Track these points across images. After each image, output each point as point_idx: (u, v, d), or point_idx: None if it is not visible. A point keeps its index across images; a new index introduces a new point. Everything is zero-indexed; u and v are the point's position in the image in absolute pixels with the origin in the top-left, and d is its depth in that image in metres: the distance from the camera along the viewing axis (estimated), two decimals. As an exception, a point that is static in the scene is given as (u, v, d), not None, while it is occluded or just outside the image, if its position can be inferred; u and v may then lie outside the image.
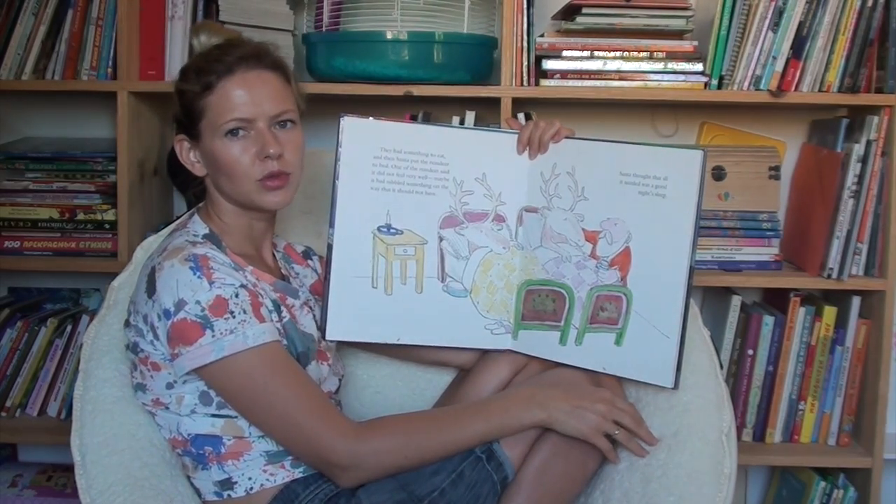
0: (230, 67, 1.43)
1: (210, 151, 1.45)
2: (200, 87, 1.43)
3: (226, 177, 1.45)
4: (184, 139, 1.49)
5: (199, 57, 1.48)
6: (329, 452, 1.36)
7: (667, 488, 1.47)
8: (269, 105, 1.44)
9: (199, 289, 1.34)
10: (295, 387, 1.37)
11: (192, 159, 1.49)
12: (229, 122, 1.42)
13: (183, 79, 1.47)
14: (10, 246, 2.13)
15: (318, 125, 2.01)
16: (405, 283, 1.60)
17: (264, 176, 1.43)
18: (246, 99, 1.42)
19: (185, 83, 1.46)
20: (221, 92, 1.43)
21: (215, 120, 1.43)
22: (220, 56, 1.45)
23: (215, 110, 1.43)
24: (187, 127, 1.47)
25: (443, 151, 1.59)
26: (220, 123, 1.42)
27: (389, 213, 1.58)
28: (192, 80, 1.44)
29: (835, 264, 2.05)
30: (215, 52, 1.46)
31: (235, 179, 1.44)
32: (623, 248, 1.52)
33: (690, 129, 2.30)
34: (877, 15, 2.00)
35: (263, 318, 1.37)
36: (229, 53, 1.45)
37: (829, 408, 2.15)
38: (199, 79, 1.44)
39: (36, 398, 2.16)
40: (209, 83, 1.43)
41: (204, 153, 1.47)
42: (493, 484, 1.43)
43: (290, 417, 1.35)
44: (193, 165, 1.49)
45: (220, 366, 1.34)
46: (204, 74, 1.43)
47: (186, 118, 1.46)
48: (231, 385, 1.36)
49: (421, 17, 1.98)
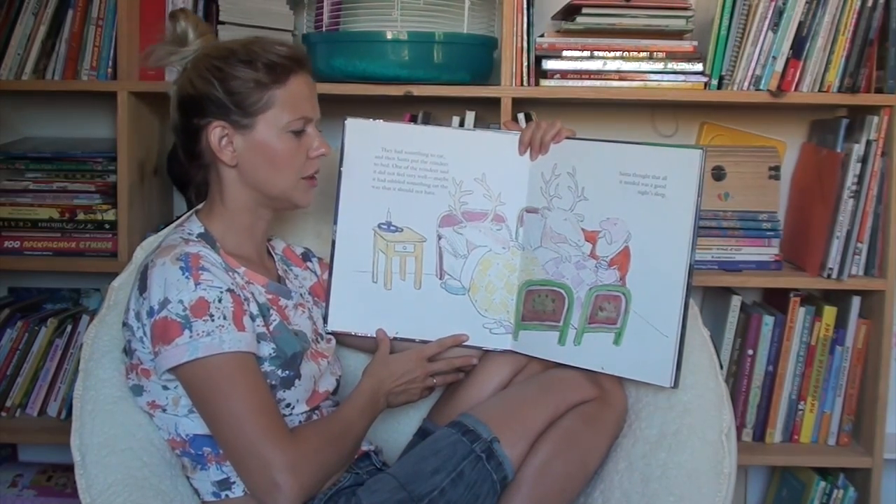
0: (301, 62, 1.46)
1: (263, 143, 1.44)
2: (271, 80, 1.43)
3: (273, 170, 1.46)
4: (223, 125, 1.44)
5: (259, 48, 1.44)
6: (268, 464, 1.32)
7: (667, 488, 1.47)
8: (318, 109, 1.50)
9: (184, 288, 1.34)
10: (254, 400, 1.34)
11: (226, 146, 1.45)
12: (298, 120, 1.45)
13: (240, 68, 1.43)
14: (10, 246, 2.13)
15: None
16: (404, 279, 1.63)
17: (310, 174, 1.48)
18: (311, 99, 1.48)
19: (252, 70, 1.43)
20: (294, 88, 1.44)
21: (281, 115, 1.43)
22: (286, 51, 1.44)
23: (285, 105, 1.43)
24: (230, 114, 1.43)
25: (442, 152, 1.61)
26: (289, 120, 1.44)
27: (390, 210, 1.62)
28: (261, 70, 1.42)
29: (835, 264, 2.05)
30: (279, 47, 1.45)
31: (283, 174, 1.46)
32: (622, 247, 1.53)
33: (690, 129, 2.30)
34: (877, 15, 2.00)
35: (244, 326, 1.37)
36: (292, 50, 1.46)
37: (829, 408, 2.15)
38: (271, 70, 1.43)
39: (36, 398, 2.16)
40: (282, 78, 1.43)
41: (251, 143, 1.44)
42: (492, 483, 1.43)
43: (240, 428, 1.32)
44: (223, 152, 1.45)
45: (193, 366, 1.33)
46: (277, 68, 1.43)
47: (237, 106, 1.43)
48: (198, 387, 1.35)
49: (421, 17, 1.99)
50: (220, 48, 1.47)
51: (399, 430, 1.75)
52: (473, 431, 1.45)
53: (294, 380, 1.43)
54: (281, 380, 1.42)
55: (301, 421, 1.46)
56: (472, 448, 1.43)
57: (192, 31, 1.49)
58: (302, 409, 1.46)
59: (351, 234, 1.63)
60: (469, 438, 1.44)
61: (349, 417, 1.48)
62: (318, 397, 1.50)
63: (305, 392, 1.46)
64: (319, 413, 1.51)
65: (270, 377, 1.40)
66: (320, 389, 1.51)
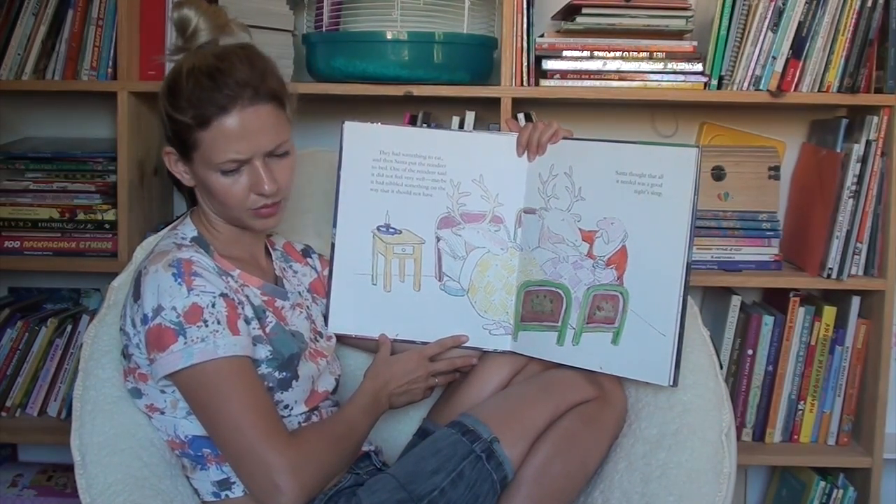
0: (225, 105, 1.36)
1: (202, 179, 1.42)
2: (195, 122, 1.37)
3: (218, 203, 1.44)
4: (173, 153, 1.44)
5: (191, 83, 1.37)
6: (268, 466, 1.32)
7: (667, 488, 1.47)
8: (265, 141, 1.39)
9: (177, 295, 1.34)
10: (251, 403, 1.34)
11: (182, 171, 1.45)
12: (225, 162, 1.38)
13: (173, 105, 1.39)
14: (10, 246, 2.13)
15: (317, 125, 2.01)
16: (403, 281, 1.64)
17: (258, 207, 1.43)
18: (242, 138, 1.37)
19: (177, 112, 1.38)
20: (217, 131, 1.37)
21: (209, 156, 1.38)
22: (214, 88, 1.36)
23: (210, 148, 1.38)
24: (177, 146, 1.43)
25: (440, 154, 1.62)
26: (216, 162, 1.38)
27: (388, 213, 1.63)
28: (185, 111, 1.37)
29: (834, 264, 2.05)
30: (208, 83, 1.37)
31: (227, 207, 1.44)
32: (619, 247, 1.53)
33: (690, 130, 2.30)
34: (877, 15, 2.00)
35: (238, 331, 1.36)
36: (225, 86, 1.36)
37: (828, 408, 2.14)
38: (192, 111, 1.37)
39: (36, 398, 2.16)
40: (204, 119, 1.36)
41: (195, 175, 1.44)
42: (492, 483, 1.43)
43: (239, 431, 1.33)
44: (182, 176, 1.46)
45: (189, 373, 1.33)
46: (198, 108, 1.36)
47: (177, 141, 1.42)
48: (195, 392, 1.35)
49: (421, 17, 1.99)
50: (177, 68, 1.41)
51: (399, 430, 1.75)
52: (473, 431, 1.45)
53: (291, 381, 1.43)
54: (278, 381, 1.42)
55: (300, 422, 1.46)
56: (472, 448, 1.43)
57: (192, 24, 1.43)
58: (301, 410, 1.46)
59: (350, 237, 1.63)
60: (469, 438, 1.44)
61: (351, 418, 1.48)
62: (316, 397, 1.50)
63: (304, 393, 1.46)
64: (319, 413, 1.51)
65: (268, 379, 1.41)
66: (319, 389, 1.51)
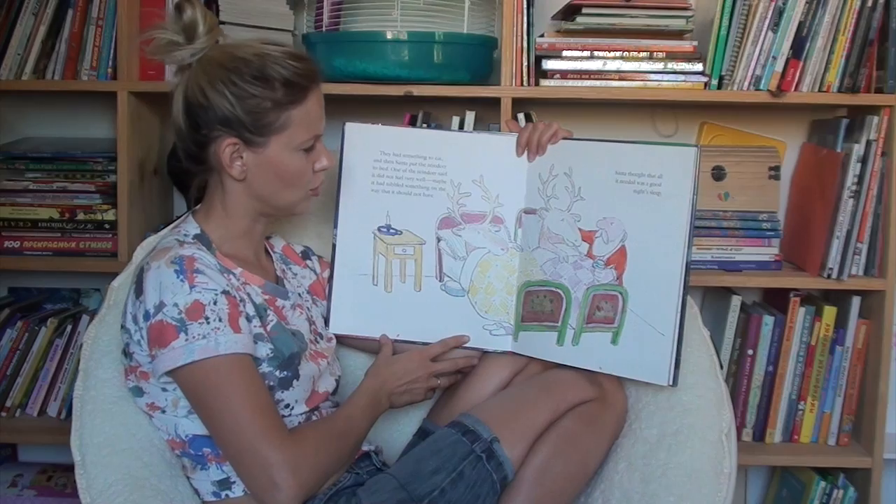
0: (315, 80, 1.43)
1: (275, 161, 1.42)
2: (288, 100, 1.40)
3: (282, 185, 1.45)
4: (234, 142, 1.41)
5: (277, 65, 1.39)
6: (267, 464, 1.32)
7: (667, 488, 1.47)
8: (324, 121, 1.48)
9: (179, 291, 1.34)
10: (252, 401, 1.33)
11: (240, 164, 1.43)
12: (311, 138, 1.44)
13: (263, 83, 1.39)
14: (10, 246, 2.13)
15: (317, 125, 2.01)
16: (404, 282, 1.64)
17: (315, 186, 1.49)
18: (321, 114, 1.46)
19: (269, 90, 1.39)
20: (308, 107, 1.42)
21: (296, 134, 1.41)
22: (303, 69, 1.41)
23: (300, 124, 1.41)
24: (243, 132, 1.40)
25: (440, 154, 1.62)
26: (304, 139, 1.42)
27: (389, 213, 1.63)
28: (278, 90, 1.39)
29: (835, 264, 2.05)
30: (294, 62, 1.41)
31: (293, 188, 1.46)
32: (619, 246, 1.53)
33: (690, 130, 2.30)
34: (877, 15, 2.00)
35: (240, 328, 1.36)
36: (309, 61, 1.43)
37: (828, 408, 2.15)
38: (284, 90, 1.39)
39: (36, 398, 2.16)
40: (299, 97, 1.40)
41: (261, 160, 1.42)
42: (492, 483, 1.43)
43: (238, 429, 1.32)
44: (232, 167, 1.43)
45: (190, 370, 1.33)
46: (294, 88, 1.40)
47: (252, 125, 1.40)
48: (195, 389, 1.35)
49: (421, 17, 1.99)
50: (231, 56, 1.40)
51: (399, 430, 1.75)
52: (473, 431, 1.45)
53: (292, 380, 1.43)
54: (279, 380, 1.42)
55: (300, 422, 1.46)
56: (472, 448, 1.43)
57: (201, 23, 1.41)
58: (301, 410, 1.46)
59: (351, 238, 1.64)
60: (469, 438, 1.44)
61: (350, 417, 1.48)
62: (317, 398, 1.50)
63: (304, 392, 1.46)
64: (319, 414, 1.51)
65: (268, 378, 1.40)
66: (319, 390, 1.51)
